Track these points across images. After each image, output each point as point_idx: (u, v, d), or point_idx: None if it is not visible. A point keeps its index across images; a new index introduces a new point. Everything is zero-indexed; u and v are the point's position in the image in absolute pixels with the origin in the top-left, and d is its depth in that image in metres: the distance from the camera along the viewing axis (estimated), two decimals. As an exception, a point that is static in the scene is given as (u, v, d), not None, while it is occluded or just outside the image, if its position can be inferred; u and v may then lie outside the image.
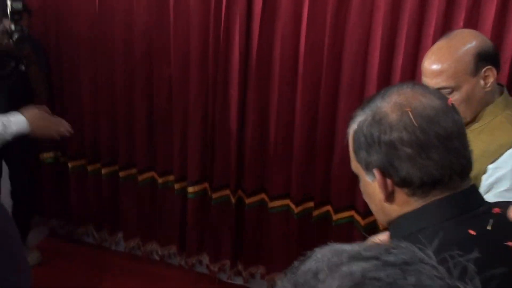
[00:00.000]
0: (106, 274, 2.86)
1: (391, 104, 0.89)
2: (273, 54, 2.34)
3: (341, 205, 2.44)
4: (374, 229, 2.42)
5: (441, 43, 1.54)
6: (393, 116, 0.87)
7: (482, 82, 1.47)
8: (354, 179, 2.35)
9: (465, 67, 1.46)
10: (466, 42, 1.49)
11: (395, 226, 0.95)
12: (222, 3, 2.32)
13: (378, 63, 2.15)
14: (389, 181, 0.90)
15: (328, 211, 2.50)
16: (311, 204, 2.51)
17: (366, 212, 2.38)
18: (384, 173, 0.90)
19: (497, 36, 1.95)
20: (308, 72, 2.29)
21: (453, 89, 1.46)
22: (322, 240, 2.52)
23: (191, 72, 2.47)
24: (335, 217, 2.45)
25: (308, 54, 2.26)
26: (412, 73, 2.15)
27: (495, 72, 1.48)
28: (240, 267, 2.77)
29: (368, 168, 0.92)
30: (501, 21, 1.93)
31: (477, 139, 1.37)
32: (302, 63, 2.27)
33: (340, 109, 2.32)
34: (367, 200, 1.02)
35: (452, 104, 0.89)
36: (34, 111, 2.04)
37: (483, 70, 1.46)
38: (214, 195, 2.64)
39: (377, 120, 0.89)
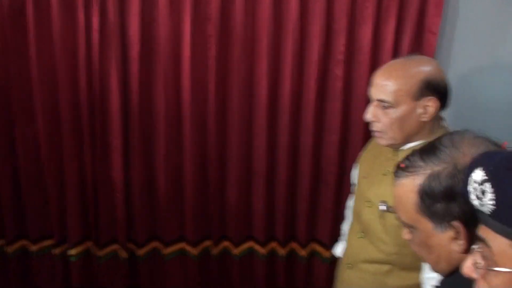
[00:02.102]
0: None
1: (469, 156, 0.86)
2: (155, 97, 2.25)
3: (240, 238, 2.45)
4: (273, 255, 2.48)
5: (397, 60, 1.52)
6: None
7: (420, 110, 1.44)
8: (249, 210, 2.41)
9: (408, 88, 1.43)
10: (420, 65, 1.46)
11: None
12: (91, 47, 2.14)
13: (266, 95, 2.21)
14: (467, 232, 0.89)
15: (226, 247, 2.49)
16: (208, 243, 2.47)
17: (265, 239, 2.43)
18: (465, 225, 0.88)
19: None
20: (194, 111, 2.24)
21: (391, 106, 1.44)
22: (224, 275, 2.50)
23: (62, 126, 2.23)
24: (235, 250, 2.45)
25: (193, 93, 2.21)
26: (297, 104, 2.24)
27: (437, 105, 1.44)
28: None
29: (442, 220, 0.90)
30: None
31: None
32: (188, 103, 2.22)
33: (229, 146, 2.33)
34: (421, 251, 0.99)
35: None
36: None
37: (426, 98, 1.43)
38: (100, 253, 2.43)
39: (462, 171, 0.86)
